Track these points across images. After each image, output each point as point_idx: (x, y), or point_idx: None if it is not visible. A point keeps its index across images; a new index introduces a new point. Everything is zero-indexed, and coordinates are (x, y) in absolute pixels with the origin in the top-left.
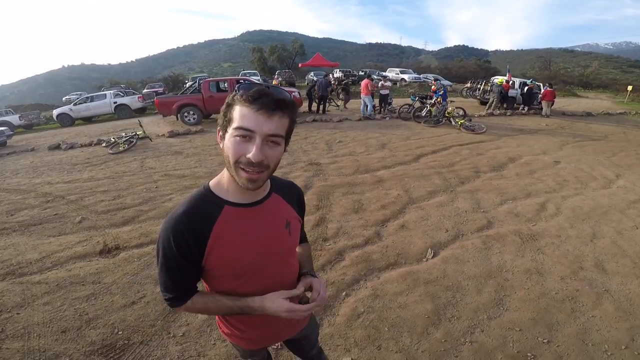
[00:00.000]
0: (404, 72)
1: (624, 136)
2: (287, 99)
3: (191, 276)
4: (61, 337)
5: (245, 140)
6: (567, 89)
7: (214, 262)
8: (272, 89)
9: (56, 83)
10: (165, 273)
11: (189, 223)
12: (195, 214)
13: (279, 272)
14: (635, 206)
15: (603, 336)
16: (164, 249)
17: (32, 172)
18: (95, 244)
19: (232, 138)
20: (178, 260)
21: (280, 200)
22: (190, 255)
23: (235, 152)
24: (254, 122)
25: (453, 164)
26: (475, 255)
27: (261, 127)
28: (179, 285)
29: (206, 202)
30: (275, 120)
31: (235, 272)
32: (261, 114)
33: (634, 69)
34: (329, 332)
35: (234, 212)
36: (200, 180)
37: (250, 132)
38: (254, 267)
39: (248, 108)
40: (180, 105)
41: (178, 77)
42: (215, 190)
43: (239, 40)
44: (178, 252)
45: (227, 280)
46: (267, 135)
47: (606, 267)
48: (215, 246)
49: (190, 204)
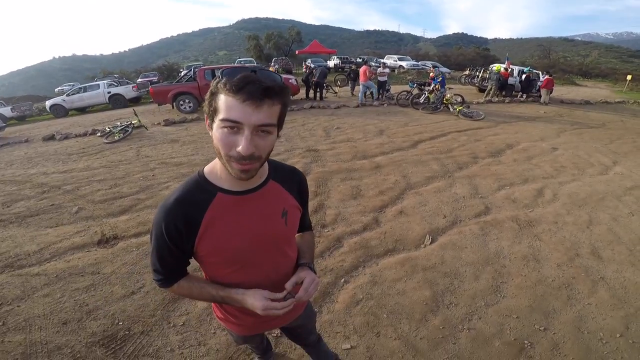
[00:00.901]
0: (402, 59)
1: (622, 124)
2: (275, 85)
3: (180, 261)
4: (62, 328)
5: (233, 132)
6: (566, 77)
7: (205, 249)
8: (259, 73)
9: (48, 74)
10: (156, 256)
11: (180, 210)
12: (187, 201)
13: (274, 261)
14: (631, 193)
15: (598, 324)
16: (156, 234)
17: (27, 163)
18: (93, 234)
19: (220, 130)
20: (168, 246)
21: (278, 188)
22: (180, 242)
23: (224, 145)
24: (241, 113)
25: (451, 150)
26: (473, 242)
27: (249, 118)
28: (167, 269)
29: (199, 189)
30: (264, 110)
31: (227, 259)
32: (248, 105)
33: (633, 59)
34: (328, 319)
35: (226, 200)
36: (197, 167)
37: (237, 124)
38: (246, 256)
39: (233, 98)
40: (175, 94)
41: (172, 66)
42: (209, 177)
43: (234, 29)
44: (169, 238)
45: (219, 267)
46: (257, 125)
47: (602, 255)
48: (206, 233)
49: (183, 190)
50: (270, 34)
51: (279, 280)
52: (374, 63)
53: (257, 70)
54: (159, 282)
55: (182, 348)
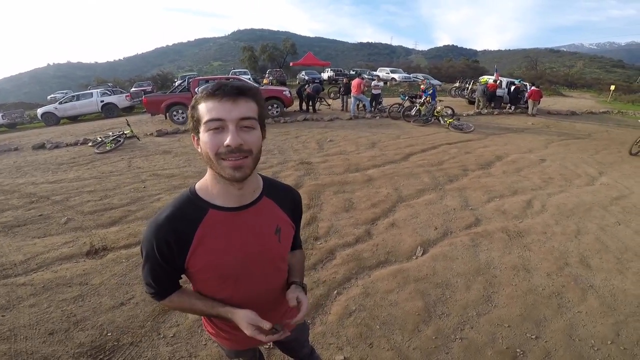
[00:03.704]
0: (394, 72)
1: (607, 134)
2: (245, 86)
3: (172, 276)
4: (48, 339)
5: (218, 131)
6: (552, 88)
7: (196, 266)
8: (231, 80)
9: (41, 81)
10: (147, 271)
11: (171, 227)
12: (178, 218)
13: (267, 278)
14: (617, 202)
15: (589, 331)
16: (147, 250)
17: (16, 172)
18: (81, 245)
19: (206, 133)
20: (159, 262)
21: (272, 205)
22: (171, 258)
23: (212, 145)
24: (221, 110)
25: (442, 163)
26: (464, 253)
27: (229, 113)
28: (158, 284)
29: (190, 206)
30: (242, 104)
31: (219, 276)
32: (226, 101)
33: (616, 69)
34: (321, 331)
35: (218, 216)
36: (189, 179)
37: (221, 121)
38: (238, 273)
39: (211, 100)
40: (169, 104)
41: (167, 76)
42: (200, 193)
43: (229, 39)
44: (160, 255)
45: (210, 283)
46: (239, 119)
47: (590, 263)
48: (197, 250)
49: (174, 207)
50: (265, 45)
51: (271, 296)
52: (367, 76)
53: (230, 81)
54: (151, 295)
55: None
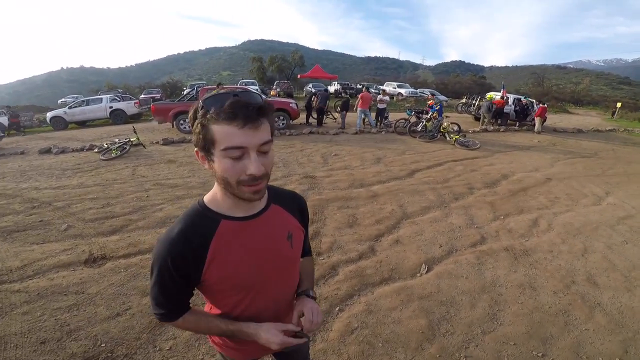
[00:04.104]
0: (401, 87)
1: (613, 153)
2: (265, 104)
3: (185, 294)
4: (40, 348)
5: (238, 159)
6: (559, 105)
7: (213, 278)
8: (241, 95)
9: (54, 85)
10: (158, 290)
11: (185, 241)
12: (192, 232)
13: (282, 284)
14: (624, 222)
15: (597, 349)
16: (160, 267)
17: (20, 176)
18: (80, 253)
19: (224, 160)
20: (174, 278)
21: (281, 211)
22: (187, 273)
23: (234, 174)
24: (244, 137)
25: (447, 180)
26: (469, 271)
27: (251, 140)
28: (171, 303)
29: (202, 218)
30: (263, 128)
31: (235, 286)
32: (248, 129)
33: (623, 86)
34: (323, 348)
35: (231, 226)
36: (193, 190)
37: (242, 149)
38: (253, 281)
39: (230, 126)
40: (176, 113)
41: (176, 84)
42: (210, 205)
43: (239, 49)
44: (175, 270)
45: (227, 294)
46: (260, 145)
47: (597, 281)
48: (213, 262)
49: (186, 221)
50: (274, 56)
51: (284, 302)
52: (374, 90)
53: (239, 94)
54: (160, 316)
55: None
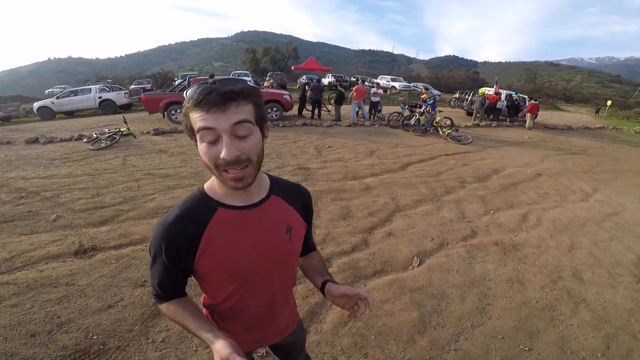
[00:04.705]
0: (394, 80)
1: (602, 150)
2: (235, 89)
3: (177, 280)
4: (30, 341)
5: (213, 143)
6: (550, 102)
7: (205, 266)
8: (218, 83)
9: (40, 75)
10: (152, 272)
11: (180, 226)
12: (187, 217)
13: (277, 278)
14: (610, 219)
15: (581, 344)
16: (155, 251)
17: (6, 166)
18: (70, 244)
19: (201, 144)
20: (165, 264)
21: (282, 203)
22: (180, 260)
23: (210, 157)
24: (212, 121)
25: (439, 174)
26: (460, 264)
27: (219, 122)
28: (161, 287)
29: (199, 205)
30: (232, 112)
31: (228, 276)
32: (213, 112)
33: (614, 84)
34: (316, 340)
35: (227, 215)
36: (185, 180)
37: (212, 131)
38: (247, 272)
39: (199, 112)
40: (167, 103)
41: (167, 75)
42: (209, 193)
43: (232, 40)
44: (167, 256)
45: (220, 284)
46: (231, 126)
47: (583, 277)
48: (206, 250)
49: (183, 207)
50: (267, 48)
51: (280, 297)
52: (368, 83)
53: (217, 82)
54: (154, 297)
55: None
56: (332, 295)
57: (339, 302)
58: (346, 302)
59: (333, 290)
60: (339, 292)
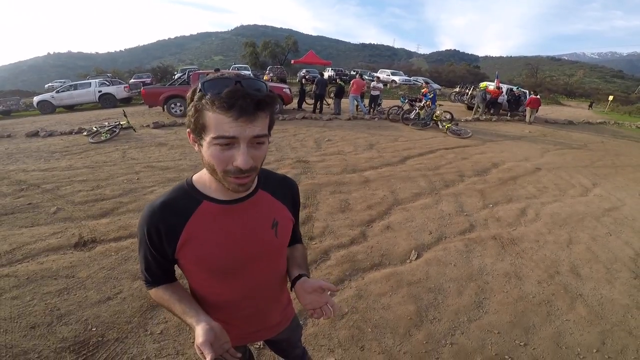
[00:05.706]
0: (394, 74)
1: (602, 145)
2: (267, 98)
3: (162, 265)
4: (30, 332)
5: (227, 148)
6: (551, 97)
7: (187, 258)
8: (245, 83)
9: (40, 70)
10: (140, 256)
11: (162, 214)
12: (171, 207)
13: (262, 274)
14: (609, 214)
15: (576, 340)
16: (140, 236)
17: (7, 159)
18: (70, 236)
19: (212, 147)
20: (149, 249)
21: (268, 197)
22: (161, 246)
23: (220, 162)
24: (236, 129)
25: (438, 167)
26: (457, 258)
27: (244, 132)
28: (148, 272)
29: (185, 196)
30: (259, 122)
31: (211, 270)
32: (243, 120)
33: (615, 79)
34: (313, 332)
35: (212, 208)
36: (184, 173)
37: (232, 139)
38: (230, 267)
39: (224, 116)
40: (167, 97)
41: (167, 69)
42: (197, 185)
43: (232, 34)
44: (149, 242)
45: (202, 277)
46: (252, 137)
47: (580, 272)
48: (189, 242)
49: (169, 196)
50: (267, 41)
51: (267, 293)
52: (368, 77)
53: (242, 81)
54: (144, 282)
55: (159, 357)
56: (305, 290)
57: (307, 298)
58: (314, 301)
59: (307, 285)
60: (315, 285)
